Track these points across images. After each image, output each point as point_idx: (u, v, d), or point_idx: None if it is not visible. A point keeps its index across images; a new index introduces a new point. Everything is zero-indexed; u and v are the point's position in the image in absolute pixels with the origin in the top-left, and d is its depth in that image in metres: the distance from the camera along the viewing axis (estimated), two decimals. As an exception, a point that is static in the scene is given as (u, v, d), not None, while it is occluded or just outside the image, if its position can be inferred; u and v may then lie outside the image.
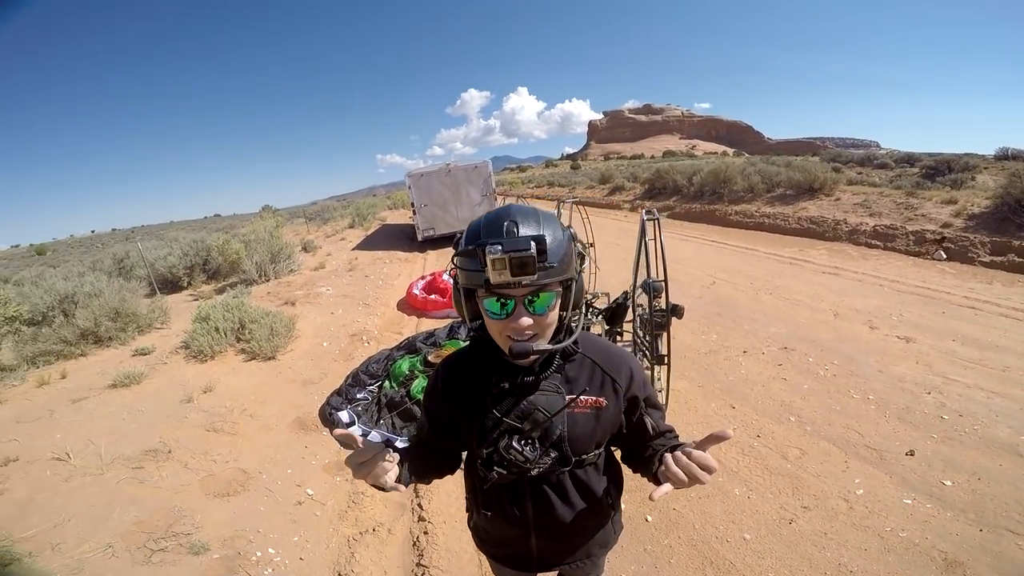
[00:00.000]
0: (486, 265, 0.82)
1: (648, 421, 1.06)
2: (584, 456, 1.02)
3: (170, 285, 9.40)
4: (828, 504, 2.52)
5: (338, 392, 3.96)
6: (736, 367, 4.06)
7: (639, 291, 3.10)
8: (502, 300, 0.88)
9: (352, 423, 3.53)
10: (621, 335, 3.61)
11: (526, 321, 0.88)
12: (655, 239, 2.89)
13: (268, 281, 8.73)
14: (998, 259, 6.61)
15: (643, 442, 1.07)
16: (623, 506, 1.22)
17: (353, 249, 12.33)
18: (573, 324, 0.99)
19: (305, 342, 5.51)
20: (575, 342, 1.00)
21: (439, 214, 11.60)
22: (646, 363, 3.15)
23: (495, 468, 1.00)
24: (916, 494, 2.54)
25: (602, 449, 1.07)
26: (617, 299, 3.40)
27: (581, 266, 0.97)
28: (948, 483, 2.61)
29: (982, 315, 4.82)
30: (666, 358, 3.02)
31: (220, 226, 27.37)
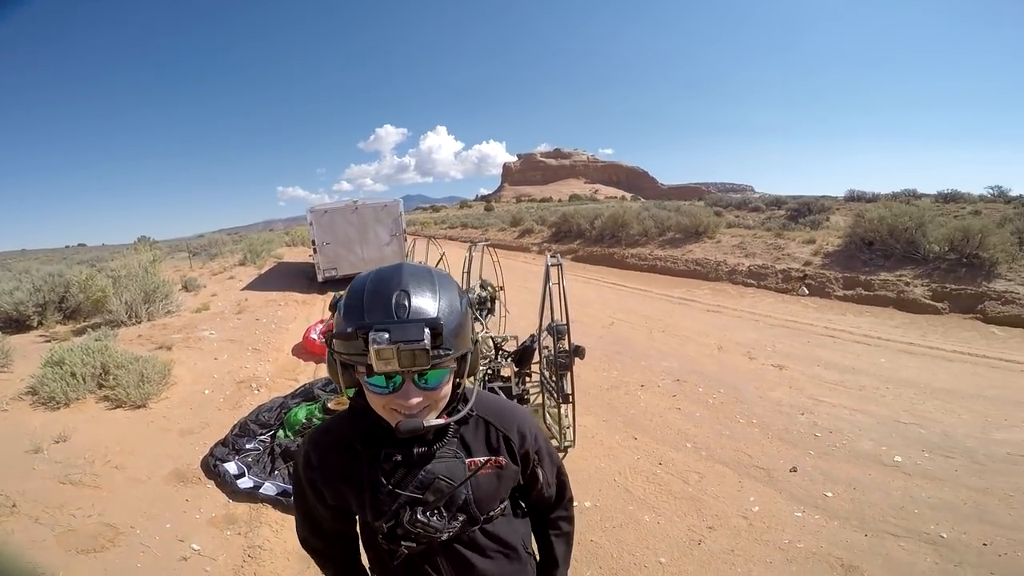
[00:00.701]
0: (368, 353, 0.73)
1: (540, 473, 1.05)
2: (491, 512, 0.99)
3: (15, 325, 7.99)
4: (730, 523, 2.72)
5: (223, 442, 3.68)
6: (636, 400, 4.32)
7: (544, 333, 3.25)
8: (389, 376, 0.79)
9: (241, 474, 3.28)
10: (530, 376, 3.73)
11: (416, 400, 0.80)
12: (559, 283, 3.08)
13: (140, 323, 7.79)
14: (849, 292, 7.80)
15: (539, 496, 1.08)
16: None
17: (243, 289, 11.39)
18: (468, 390, 0.95)
19: (182, 389, 5.02)
20: (467, 403, 0.95)
21: (343, 253, 11.05)
22: (552, 403, 3.27)
23: (402, 542, 0.93)
24: (804, 507, 2.82)
25: (506, 501, 1.04)
26: (524, 342, 3.53)
27: (477, 333, 0.94)
28: (830, 494, 2.92)
29: (839, 342, 5.64)
30: (571, 396, 3.17)
31: (84, 258, 23.90)
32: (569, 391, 3.14)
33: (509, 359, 3.56)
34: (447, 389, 0.87)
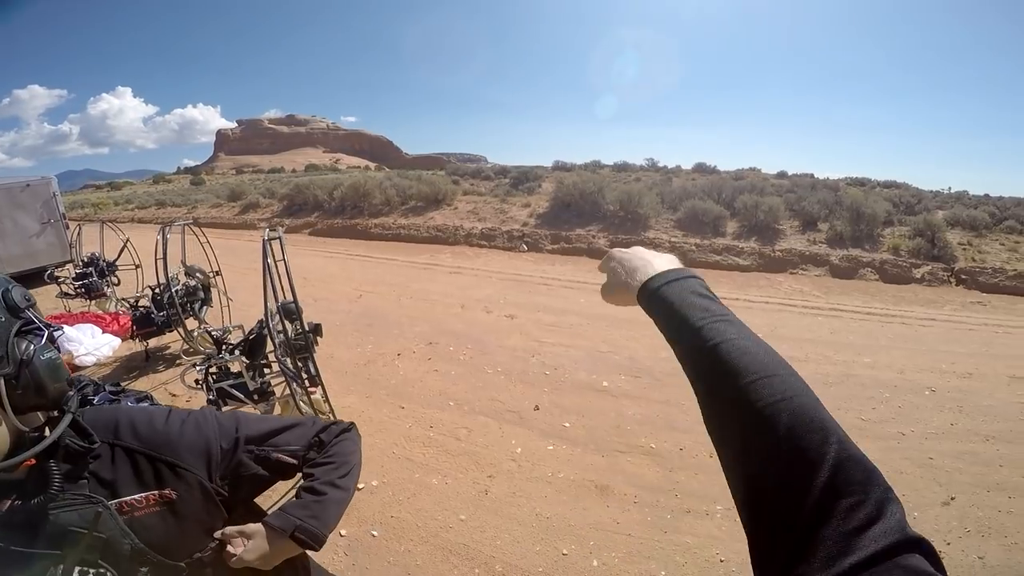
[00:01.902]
0: None
1: (283, 456, 0.89)
2: (204, 552, 0.81)
3: None
4: (504, 468, 2.96)
5: None
6: (395, 370, 4.34)
7: (275, 317, 2.90)
8: None
9: None
10: (268, 366, 3.32)
11: None
12: (282, 259, 2.75)
13: None
14: (555, 247, 9.49)
15: (303, 472, 0.92)
16: (343, 531, 1.07)
17: None
18: (62, 418, 0.72)
19: None
20: (87, 436, 0.75)
21: None
22: (300, 390, 2.99)
23: None
24: (553, 440, 3.23)
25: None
26: (252, 330, 3.09)
27: (30, 344, 0.68)
28: (567, 424, 3.40)
29: (552, 289, 6.79)
30: (317, 378, 2.95)
31: None
32: (315, 373, 2.91)
33: (236, 352, 3.07)
34: None
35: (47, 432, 0.70)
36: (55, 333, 0.73)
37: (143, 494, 0.77)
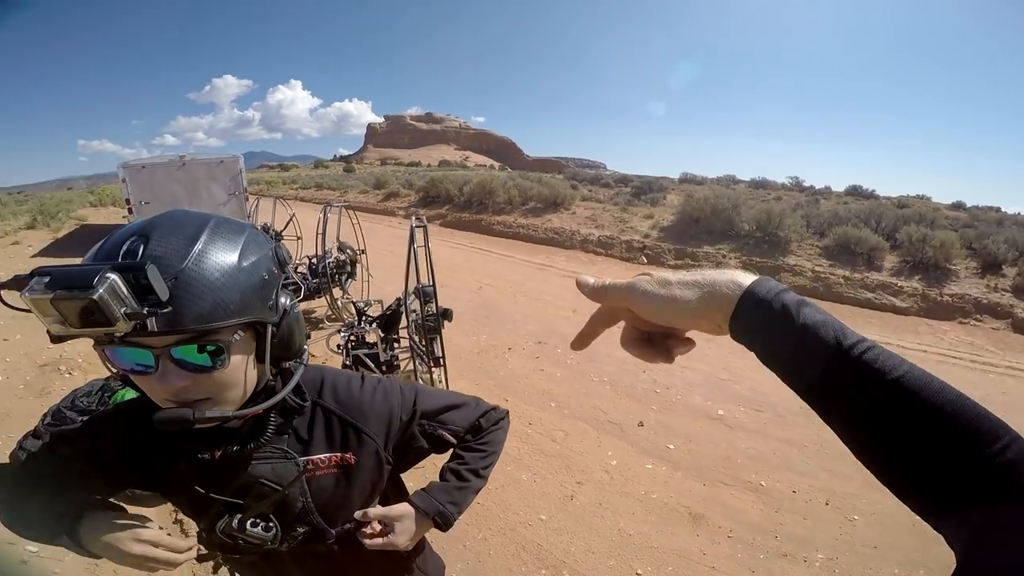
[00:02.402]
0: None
1: (445, 433, 0.90)
2: (350, 523, 0.83)
3: None
4: (595, 477, 2.96)
5: (34, 434, 2.99)
6: (504, 363, 4.51)
7: (412, 297, 3.18)
8: (146, 351, 0.60)
9: None
10: (398, 341, 3.65)
11: (177, 381, 0.60)
12: (424, 246, 3.01)
13: None
14: (679, 262, 9.04)
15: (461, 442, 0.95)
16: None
17: (34, 256, 9.33)
18: (293, 368, 0.77)
19: None
20: (301, 394, 0.78)
21: None
22: (423, 367, 3.25)
23: (219, 551, 0.80)
24: (653, 459, 3.15)
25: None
26: (390, 306, 3.42)
27: (288, 300, 0.71)
28: (671, 447, 3.28)
29: (672, 306, 6.50)
30: (441, 360, 3.18)
31: None
32: (440, 354, 3.14)
33: (374, 324, 3.43)
34: (233, 373, 0.65)
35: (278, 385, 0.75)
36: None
37: (328, 455, 0.79)
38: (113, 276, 0.51)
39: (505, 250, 10.25)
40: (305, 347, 0.77)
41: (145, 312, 0.53)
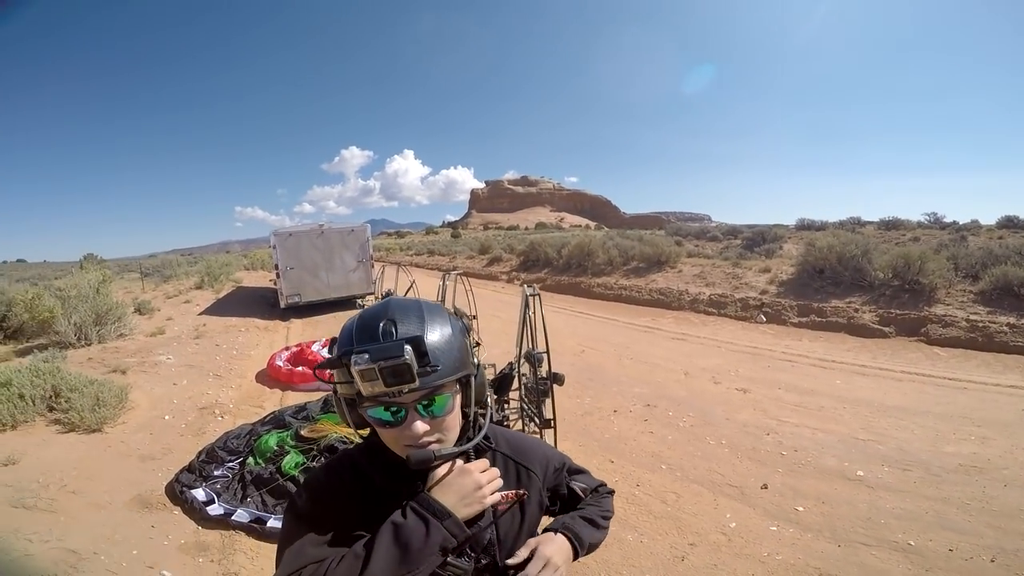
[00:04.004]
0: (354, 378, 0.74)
1: (576, 486, 1.06)
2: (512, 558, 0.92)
3: (-52, 343, 7.51)
4: (710, 539, 2.81)
5: (189, 469, 3.64)
6: (609, 425, 4.42)
7: (523, 361, 3.32)
8: (391, 408, 0.79)
9: (211, 501, 3.23)
10: (508, 403, 3.78)
11: (421, 427, 0.79)
12: (535, 313, 3.17)
13: (90, 345, 7.47)
14: (804, 319, 8.24)
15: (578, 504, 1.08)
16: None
17: (201, 314, 11.01)
18: (481, 418, 0.93)
19: (141, 414, 4.90)
20: (487, 437, 0.94)
21: (307, 279, 10.70)
22: (534, 428, 3.33)
23: None
24: (778, 521, 2.95)
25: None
26: (503, 370, 3.58)
27: (479, 358, 0.91)
28: (800, 508, 3.06)
29: (797, 366, 5.96)
30: (552, 422, 3.23)
31: (25, 275, 22.41)
32: (550, 416, 3.20)
33: (488, 386, 3.61)
34: (454, 417, 0.85)
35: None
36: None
37: (507, 491, 0.92)
38: (408, 347, 0.74)
39: (607, 313, 10.16)
40: (487, 394, 0.95)
41: (427, 370, 0.76)
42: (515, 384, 3.44)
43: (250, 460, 3.67)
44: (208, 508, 3.13)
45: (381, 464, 0.87)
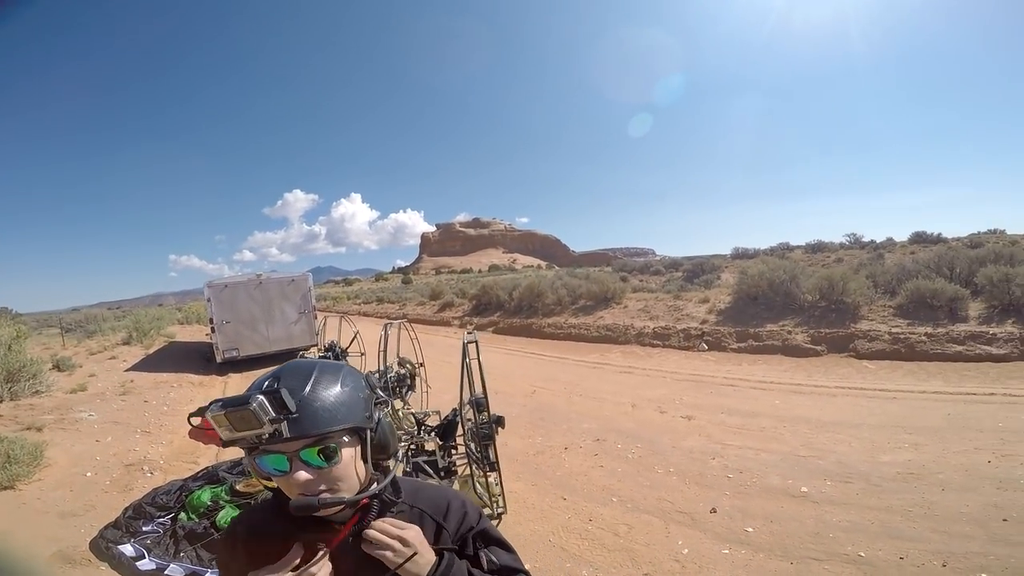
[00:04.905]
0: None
1: (484, 557, 1.00)
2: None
3: None
4: (664, 567, 2.83)
5: (115, 525, 3.48)
6: (561, 463, 4.45)
7: (467, 407, 3.35)
8: (282, 456, 0.83)
9: (141, 556, 3.11)
10: (455, 448, 3.77)
11: (302, 476, 0.82)
12: (476, 359, 3.24)
13: (0, 403, 6.97)
14: (742, 344, 8.72)
15: None
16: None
17: (128, 370, 10.32)
18: (387, 470, 0.97)
19: (58, 471, 4.67)
20: (397, 491, 0.97)
21: (245, 332, 10.23)
22: (480, 473, 3.33)
23: None
24: (730, 544, 3.00)
25: None
26: (447, 416, 3.60)
27: (382, 413, 0.94)
28: (750, 529, 3.13)
29: (738, 390, 6.27)
30: (496, 464, 3.25)
31: None
32: (494, 459, 3.22)
33: (432, 433, 3.59)
34: (344, 468, 0.86)
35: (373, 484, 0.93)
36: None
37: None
38: (260, 397, 0.79)
39: (558, 352, 10.32)
40: (399, 449, 1.01)
41: (281, 418, 0.80)
42: (459, 430, 3.46)
43: (182, 515, 3.53)
44: (138, 563, 3.02)
45: (285, 514, 0.88)
